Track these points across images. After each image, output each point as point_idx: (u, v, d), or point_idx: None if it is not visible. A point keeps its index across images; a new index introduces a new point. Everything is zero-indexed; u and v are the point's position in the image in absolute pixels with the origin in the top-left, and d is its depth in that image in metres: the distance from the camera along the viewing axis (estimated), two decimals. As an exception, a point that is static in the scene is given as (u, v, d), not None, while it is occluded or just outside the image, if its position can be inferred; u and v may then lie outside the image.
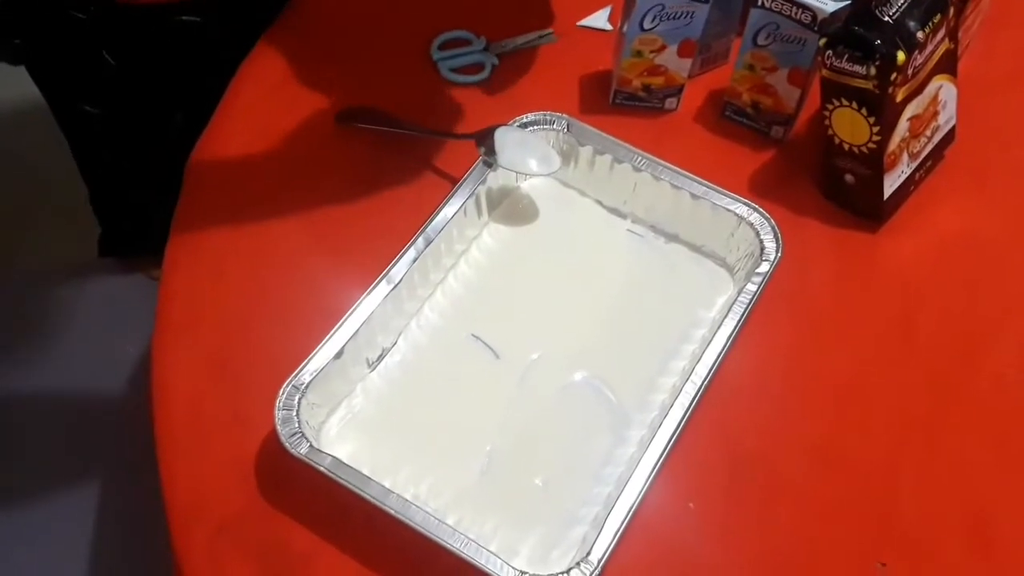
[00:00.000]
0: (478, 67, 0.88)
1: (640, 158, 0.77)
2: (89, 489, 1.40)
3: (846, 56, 0.72)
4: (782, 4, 0.76)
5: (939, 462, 0.70)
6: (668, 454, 0.63)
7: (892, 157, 0.77)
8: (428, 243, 0.72)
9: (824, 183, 0.82)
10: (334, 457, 0.62)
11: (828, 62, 0.73)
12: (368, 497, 0.61)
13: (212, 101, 0.88)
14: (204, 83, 1.00)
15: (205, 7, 0.94)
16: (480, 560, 0.59)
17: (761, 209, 0.74)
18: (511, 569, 0.59)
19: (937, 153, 0.83)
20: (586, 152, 0.79)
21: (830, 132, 0.78)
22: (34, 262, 1.64)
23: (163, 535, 0.65)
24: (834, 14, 0.74)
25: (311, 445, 0.63)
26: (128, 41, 0.96)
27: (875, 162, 0.76)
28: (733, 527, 0.66)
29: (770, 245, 0.73)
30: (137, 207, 1.35)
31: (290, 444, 0.62)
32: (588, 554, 0.59)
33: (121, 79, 1.01)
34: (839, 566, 0.65)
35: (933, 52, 0.75)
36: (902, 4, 0.72)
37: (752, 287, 0.71)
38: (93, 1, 0.90)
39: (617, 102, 0.86)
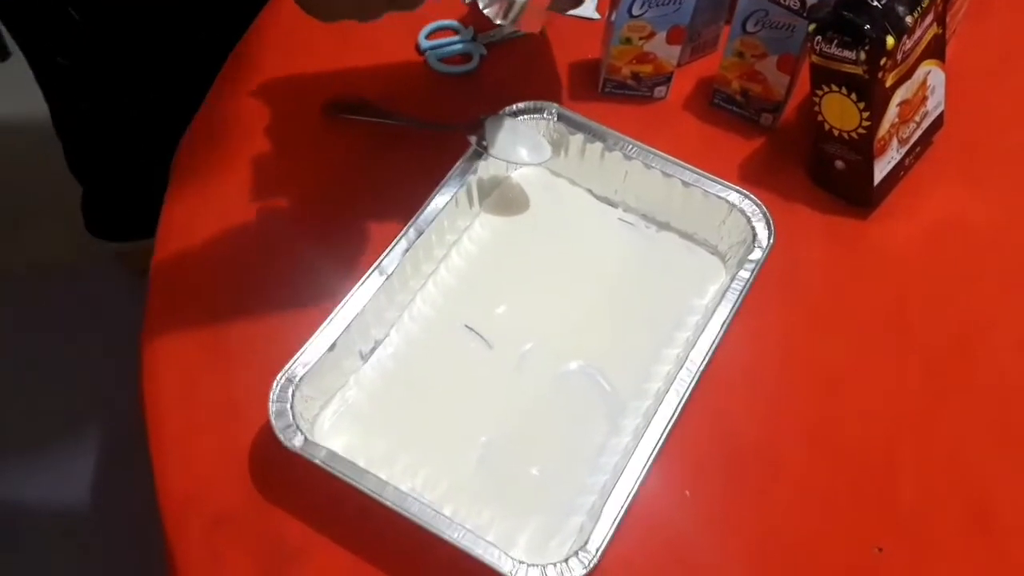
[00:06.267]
0: (466, 57, 0.88)
1: (631, 146, 0.77)
2: (82, 483, 1.40)
3: (835, 41, 0.72)
4: (771, -10, 0.76)
5: (936, 446, 0.70)
6: (664, 442, 0.63)
7: (882, 143, 0.77)
8: (419, 234, 0.72)
9: (814, 170, 0.82)
10: (329, 450, 0.62)
11: (817, 48, 0.73)
12: (364, 489, 0.60)
13: (180, 62, 0.86)
14: (172, 43, 0.99)
15: None
16: (478, 551, 0.58)
17: (753, 196, 0.74)
18: (509, 559, 0.58)
19: (926, 139, 0.83)
20: (576, 141, 0.79)
21: (820, 118, 0.78)
22: (21, 261, 1.63)
23: (157, 529, 0.65)
24: (823, 0, 0.74)
25: (306, 438, 0.62)
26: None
27: (865, 148, 0.76)
28: (730, 514, 0.66)
29: (762, 232, 0.73)
30: (113, 167, 1.33)
31: (284, 437, 0.62)
32: (586, 543, 0.59)
33: (88, 34, 1.00)
34: (837, 552, 0.65)
35: (922, 37, 0.75)
36: (891, -11, 0.72)
37: (745, 274, 0.71)
38: None
39: (606, 91, 0.86)
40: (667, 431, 0.63)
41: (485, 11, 0.68)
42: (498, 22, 0.68)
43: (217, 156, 0.82)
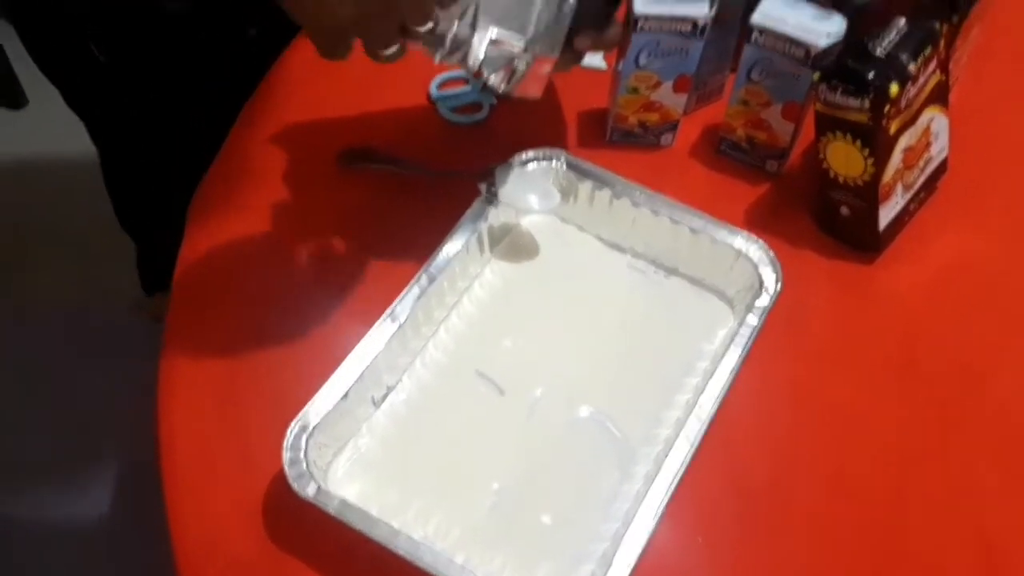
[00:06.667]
0: (476, 106, 0.90)
1: (638, 193, 0.78)
2: (94, 524, 1.40)
3: (840, 90, 0.73)
4: (775, 41, 0.77)
5: (946, 488, 0.70)
6: (675, 489, 0.63)
7: (887, 189, 0.78)
8: (432, 281, 0.73)
9: (820, 215, 0.83)
10: (342, 499, 0.62)
11: (822, 96, 0.74)
12: (377, 539, 0.61)
13: (201, 107, 0.87)
14: (192, 83, 1.00)
15: None
16: (491, 599, 0.59)
17: (760, 242, 0.75)
18: (522, 607, 0.59)
19: (930, 184, 0.84)
20: (585, 188, 0.80)
21: (825, 165, 0.79)
22: (37, 300, 1.64)
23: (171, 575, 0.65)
24: (827, 49, 0.76)
25: (319, 487, 0.63)
26: (115, 34, 0.96)
27: (870, 194, 0.77)
28: (743, 560, 0.67)
29: (770, 278, 0.74)
30: (158, 222, 1.33)
31: (298, 486, 0.63)
32: (598, 590, 0.59)
33: (111, 76, 1.01)
34: (848, 597, 0.66)
35: (925, 84, 0.76)
36: (894, 38, 0.73)
37: (753, 319, 0.72)
38: None
39: (614, 139, 0.87)
40: (678, 478, 0.64)
41: (490, 80, 0.70)
42: (501, 90, 0.70)
43: (233, 203, 0.83)
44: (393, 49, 0.65)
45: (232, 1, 0.95)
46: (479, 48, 0.67)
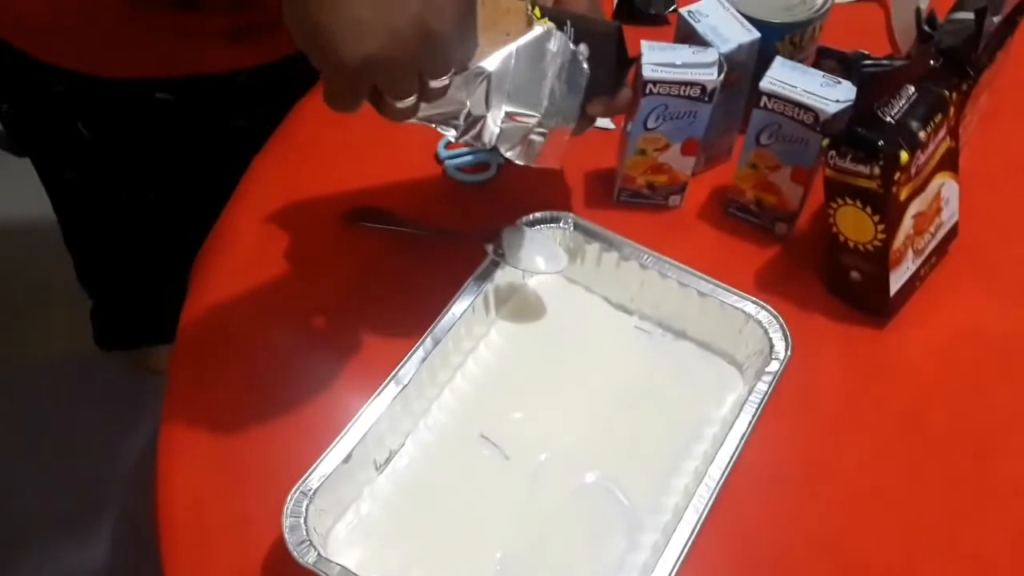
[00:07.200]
0: (484, 166, 0.89)
1: (646, 256, 0.78)
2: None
3: (850, 156, 0.73)
4: (784, 105, 0.77)
5: (956, 556, 0.69)
6: (683, 561, 0.62)
7: (897, 254, 0.77)
8: (437, 342, 0.72)
9: (830, 280, 0.82)
10: (342, 567, 0.61)
11: (832, 162, 0.74)
12: (378, 608, 0.59)
13: (183, 185, 0.87)
14: (175, 165, 1.01)
15: (179, 87, 0.95)
16: (493, 674, 0.57)
17: (769, 307, 0.74)
18: None
19: (941, 249, 0.83)
20: (592, 250, 0.79)
21: (835, 230, 0.78)
22: (36, 357, 1.63)
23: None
24: (836, 115, 0.76)
25: (319, 554, 0.61)
26: (102, 115, 0.97)
27: (880, 260, 0.77)
28: (751, 635, 0.65)
29: (779, 344, 0.73)
30: (123, 281, 1.33)
31: (298, 553, 0.61)
32: (604, 667, 0.58)
33: (95, 151, 1.02)
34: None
35: (935, 151, 0.76)
36: (904, 105, 0.73)
37: (763, 386, 0.70)
38: (70, 74, 0.91)
39: (622, 200, 0.87)
40: (686, 550, 0.62)
41: (507, 155, 0.69)
42: (519, 163, 0.70)
43: (236, 264, 0.83)
44: (408, 103, 0.62)
45: (219, 94, 0.95)
46: (494, 124, 0.67)
